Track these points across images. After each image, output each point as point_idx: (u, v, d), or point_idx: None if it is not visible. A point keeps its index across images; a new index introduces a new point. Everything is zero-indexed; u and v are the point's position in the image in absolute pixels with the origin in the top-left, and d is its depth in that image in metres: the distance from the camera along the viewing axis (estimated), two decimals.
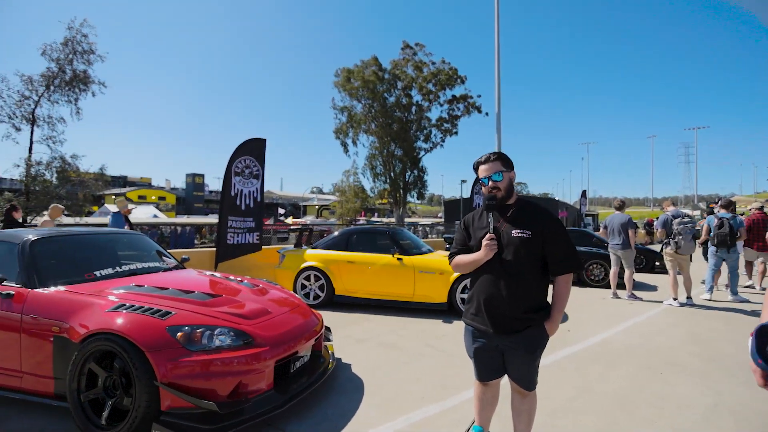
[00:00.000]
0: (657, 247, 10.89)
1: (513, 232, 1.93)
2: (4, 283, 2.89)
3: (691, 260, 6.93)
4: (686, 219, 6.53)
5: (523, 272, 1.92)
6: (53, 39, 17.45)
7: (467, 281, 5.54)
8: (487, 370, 2.10)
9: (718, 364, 3.88)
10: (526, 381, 2.04)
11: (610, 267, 8.19)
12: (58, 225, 7.07)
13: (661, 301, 6.74)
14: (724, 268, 7.04)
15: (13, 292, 2.85)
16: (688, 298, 6.60)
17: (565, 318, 5.70)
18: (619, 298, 7.02)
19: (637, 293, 7.22)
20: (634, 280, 7.42)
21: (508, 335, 1.95)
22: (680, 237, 6.42)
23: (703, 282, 8.27)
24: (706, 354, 4.17)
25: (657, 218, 7.02)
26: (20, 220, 7.85)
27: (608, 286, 8.08)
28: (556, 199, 51.04)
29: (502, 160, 2.03)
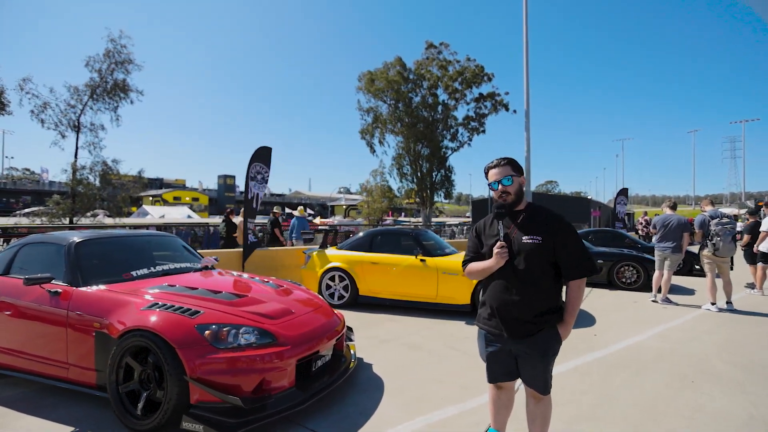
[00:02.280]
0: (695, 249, 10.37)
1: (524, 238, 1.94)
2: (53, 281, 3.14)
3: (732, 263, 6.58)
4: (725, 219, 6.19)
5: (535, 278, 1.93)
6: (95, 51, 18.51)
7: None
8: (498, 372, 2.11)
9: (757, 374, 3.69)
10: (540, 385, 2.02)
11: (642, 269, 7.93)
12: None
13: (699, 306, 6.43)
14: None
15: (60, 290, 3.09)
16: (728, 303, 6.27)
17: (592, 321, 5.56)
18: (657, 302, 6.74)
19: (673, 297, 6.92)
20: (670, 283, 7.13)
21: (522, 339, 1.96)
22: (718, 238, 6.11)
23: (747, 285, 7.85)
24: (743, 363, 3.96)
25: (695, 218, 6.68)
26: (235, 222, 9.45)
27: (640, 289, 7.83)
28: (589, 197, 49.36)
29: (512, 165, 2.03)
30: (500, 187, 2.01)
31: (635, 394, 3.27)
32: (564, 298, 2.05)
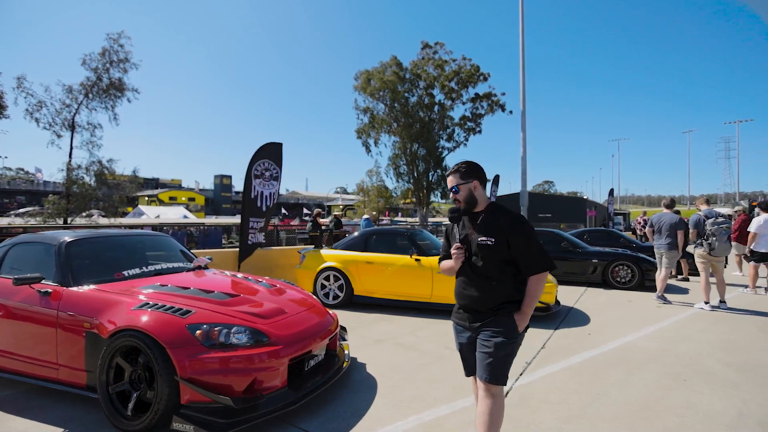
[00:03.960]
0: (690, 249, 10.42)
1: (479, 239, 2.06)
2: (43, 281, 3.11)
3: (726, 262, 6.62)
4: (720, 219, 6.22)
5: (492, 276, 2.04)
6: (90, 49, 18.41)
7: None
8: (470, 365, 2.18)
9: (750, 373, 3.70)
10: (485, 371, 1.98)
11: (637, 269, 7.97)
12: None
13: (692, 305, 6.47)
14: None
15: (51, 290, 3.06)
16: (721, 302, 6.30)
17: (586, 321, 5.57)
18: (670, 303, 6.74)
19: (667, 296, 6.95)
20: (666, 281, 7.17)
21: (478, 326, 2.08)
22: (714, 238, 6.13)
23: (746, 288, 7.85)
24: (736, 362, 3.98)
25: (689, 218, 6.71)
26: (322, 223, 10.08)
27: (635, 289, 7.87)
28: (585, 197, 49.55)
29: (461, 173, 2.14)
30: (452, 194, 2.17)
31: (628, 392, 3.27)
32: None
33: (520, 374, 3.63)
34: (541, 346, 4.43)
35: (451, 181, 2.17)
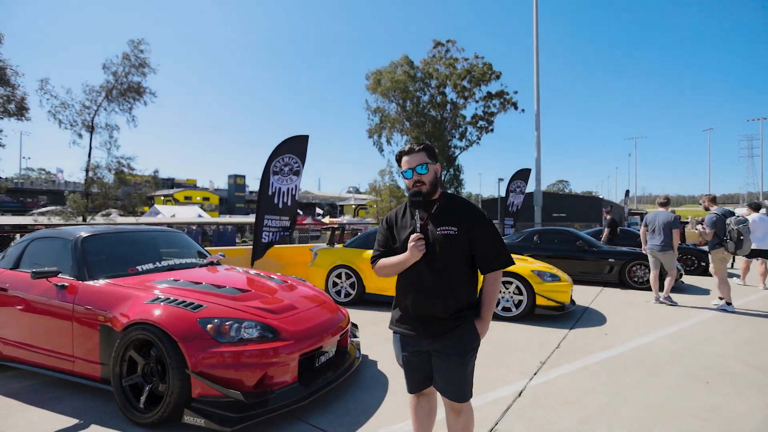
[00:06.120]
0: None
1: (438, 229, 1.77)
2: (60, 275, 3.17)
3: (734, 260, 6.46)
4: (740, 217, 6.06)
5: (451, 272, 1.76)
6: (105, 52, 18.86)
7: None
8: (419, 379, 1.89)
9: None
10: (457, 391, 1.80)
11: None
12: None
13: (712, 306, 6.26)
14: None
15: (67, 284, 3.11)
16: (728, 303, 6.13)
17: (603, 321, 5.44)
18: (662, 302, 6.57)
19: (688, 297, 6.75)
20: (681, 282, 7.00)
21: (438, 338, 1.77)
22: (741, 237, 5.94)
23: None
24: (760, 363, 3.83)
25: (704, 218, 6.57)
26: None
27: (652, 289, 7.65)
28: (601, 197, 48.67)
29: (427, 152, 1.86)
30: (414, 175, 1.82)
31: (647, 394, 3.17)
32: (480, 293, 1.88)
33: (534, 374, 3.55)
34: (556, 346, 4.34)
35: (413, 160, 1.82)
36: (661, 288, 6.72)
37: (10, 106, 15.16)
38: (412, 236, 1.75)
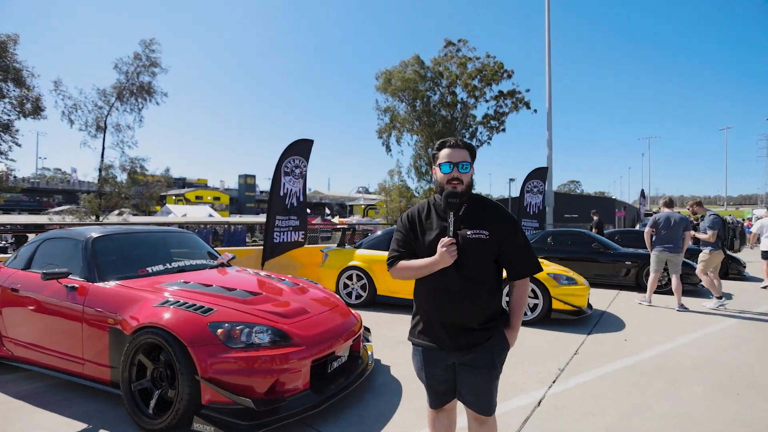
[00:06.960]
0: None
1: (468, 233, 1.64)
2: (70, 276, 3.13)
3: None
4: (732, 216, 6.55)
5: (481, 278, 1.66)
6: (125, 54, 19.10)
7: None
8: (442, 394, 1.78)
9: None
10: (485, 404, 1.71)
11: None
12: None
13: (740, 313, 6.04)
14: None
15: (77, 285, 3.08)
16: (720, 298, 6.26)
17: (621, 326, 5.28)
18: (654, 306, 6.42)
19: (704, 302, 6.54)
20: (701, 285, 6.83)
21: (467, 351, 1.66)
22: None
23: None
24: None
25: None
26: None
27: (671, 293, 7.39)
28: (614, 198, 47.96)
29: (471, 151, 1.73)
30: (453, 171, 1.67)
31: (671, 404, 3.03)
32: (508, 300, 1.79)
33: (553, 382, 3.43)
34: (574, 352, 4.20)
35: (457, 155, 1.67)
36: (663, 292, 6.67)
37: (27, 106, 15.44)
38: (444, 240, 1.60)
